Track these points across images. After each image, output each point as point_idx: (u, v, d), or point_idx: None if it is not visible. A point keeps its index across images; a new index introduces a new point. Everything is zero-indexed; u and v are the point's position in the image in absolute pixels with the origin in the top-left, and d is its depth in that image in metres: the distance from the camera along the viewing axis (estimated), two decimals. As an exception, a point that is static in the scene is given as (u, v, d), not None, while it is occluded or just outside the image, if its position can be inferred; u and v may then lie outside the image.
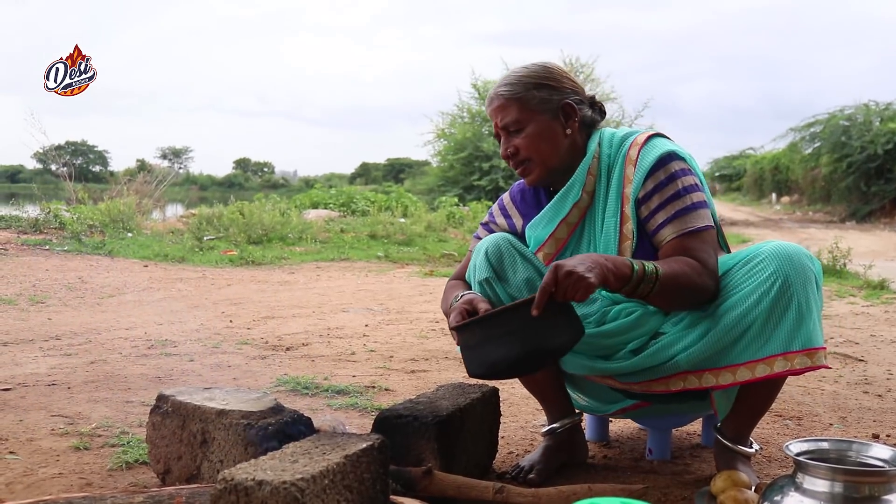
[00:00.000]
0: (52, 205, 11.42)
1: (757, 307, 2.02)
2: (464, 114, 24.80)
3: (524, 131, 2.28)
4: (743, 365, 2.05)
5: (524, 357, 1.95)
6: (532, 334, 1.94)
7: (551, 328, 1.96)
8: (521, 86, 2.29)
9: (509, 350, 1.95)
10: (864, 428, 3.01)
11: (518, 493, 2.03)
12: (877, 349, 4.66)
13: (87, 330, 4.64)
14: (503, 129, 2.31)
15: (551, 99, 2.28)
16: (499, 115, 2.31)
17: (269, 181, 65.99)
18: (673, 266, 2.05)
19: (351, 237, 11.93)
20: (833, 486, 1.65)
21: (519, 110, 2.27)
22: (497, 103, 2.31)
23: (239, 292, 6.66)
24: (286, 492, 1.58)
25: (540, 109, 2.27)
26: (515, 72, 2.33)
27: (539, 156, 2.28)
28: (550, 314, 1.94)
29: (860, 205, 24.66)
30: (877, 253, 11.56)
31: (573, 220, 2.31)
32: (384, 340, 4.61)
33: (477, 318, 2.01)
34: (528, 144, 2.28)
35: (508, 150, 2.31)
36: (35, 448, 2.52)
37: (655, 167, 2.20)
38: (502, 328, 1.96)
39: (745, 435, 2.28)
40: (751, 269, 2.06)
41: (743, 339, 2.05)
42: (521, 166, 2.32)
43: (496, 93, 2.32)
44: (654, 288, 2.01)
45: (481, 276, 2.28)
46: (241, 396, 2.21)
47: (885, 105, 25.27)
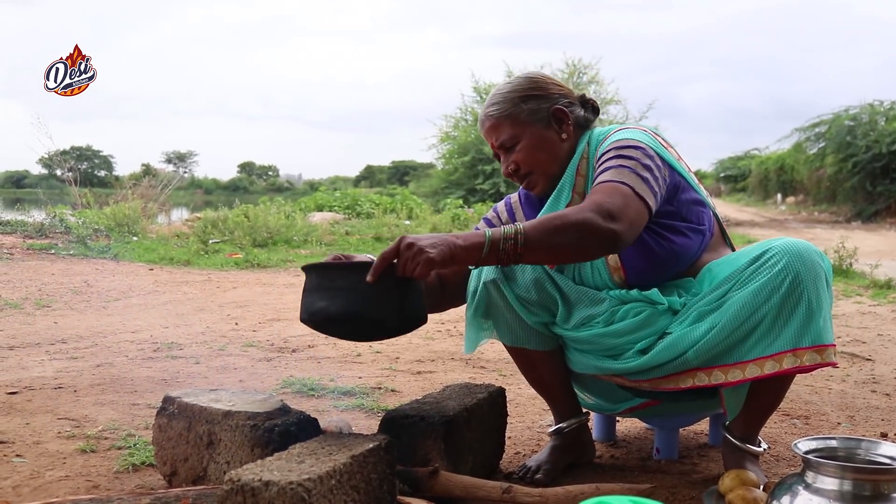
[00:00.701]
0: (58, 209, 11.45)
1: (767, 303, 2.01)
2: (467, 116, 24.84)
3: (520, 145, 2.28)
4: (752, 361, 2.04)
5: (341, 316, 1.96)
6: (357, 298, 1.95)
7: (378, 299, 1.95)
8: (508, 102, 2.29)
9: (329, 304, 1.97)
10: (872, 427, 3.00)
11: (525, 493, 2.02)
12: (884, 348, 4.64)
13: (93, 333, 4.65)
14: (500, 147, 2.32)
15: (540, 108, 2.29)
16: (493, 135, 2.32)
17: (274, 185, 66.11)
18: (545, 216, 2.01)
19: (356, 239, 11.94)
20: (842, 484, 1.65)
21: (511, 126, 2.28)
22: (489, 124, 2.32)
23: (244, 295, 6.66)
24: (293, 492, 1.58)
25: (531, 121, 2.28)
26: (500, 90, 2.34)
27: (539, 166, 2.29)
28: (385, 287, 1.94)
29: (866, 205, 24.59)
30: (883, 253, 11.52)
31: None
32: (389, 342, 4.60)
33: (317, 265, 2.04)
34: (527, 158, 2.29)
35: (509, 167, 2.32)
36: (42, 451, 2.52)
37: (607, 147, 2.19)
38: (333, 282, 1.98)
39: (753, 434, 2.27)
40: (761, 265, 2.04)
41: (753, 335, 2.04)
42: (525, 180, 2.33)
43: (485, 115, 2.33)
44: (518, 242, 1.92)
45: (489, 277, 2.28)
46: (247, 398, 2.21)
47: (890, 104, 25.22)
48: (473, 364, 4.02)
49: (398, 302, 1.98)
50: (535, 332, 2.33)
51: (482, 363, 4.05)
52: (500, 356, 4.18)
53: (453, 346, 4.49)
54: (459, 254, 1.91)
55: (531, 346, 2.35)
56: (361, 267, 1.96)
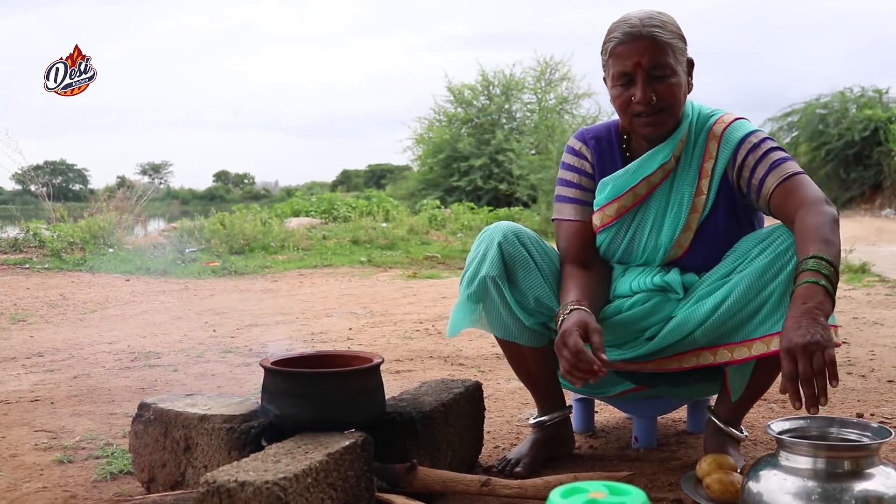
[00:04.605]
0: (32, 224, 11.35)
1: (774, 281, 2.02)
2: (441, 117, 24.85)
3: (669, 79, 2.15)
4: (759, 339, 2.05)
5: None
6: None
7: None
8: (670, 32, 2.16)
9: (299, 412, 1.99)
10: (848, 408, 3.02)
11: (504, 486, 2.03)
12: (859, 331, 4.69)
13: (69, 345, 4.61)
14: (650, 69, 2.14)
15: (685, 51, 2.22)
16: (647, 54, 2.13)
17: (251, 192, 65.78)
18: (810, 226, 1.95)
19: (333, 243, 11.90)
20: (815, 463, 1.66)
21: (671, 55, 2.15)
22: (648, 42, 2.12)
23: (222, 302, 6.63)
24: (269, 492, 1.58)
25: (681, 61, 2.19)
26: (656, 15, 2.18)
27: (675, 107, 2.19)
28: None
29: (840, 192, 24.76)
30: (858, 238, 11.62)
31: (655, 179, 2.27)
32: (368, 343, 4.60)
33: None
34: (673, 94, 2.16)
35: (649, 94, 2.14)
36: (18, 463, 2.50)
37: (745, 138, 2.19)
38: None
39: (738, 418, 2.29)
40: (767, 244, 2.06)
41: (759, 313, 2.05)
42: (654, 115, 2.18)
43: (646, 30, 2.13)
44: (836, 268, 1.86)
45: (490, 272, 2.23)
46: (223, 401, 2.20)
47: (861, 92, 25.42)
48: (452, 361, 4.02)
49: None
50: (529, 329, 2.29)
51: (461, 360, 4.05)
52: (478, 352, 4.19)
53: (432, 344, 4.49)
54: (828, 311, 1.79)
55: (523, 342, 2.32)
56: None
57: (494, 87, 25.46)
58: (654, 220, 2.27)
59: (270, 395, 2.01)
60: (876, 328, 4.79)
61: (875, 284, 6.85)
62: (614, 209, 2.29)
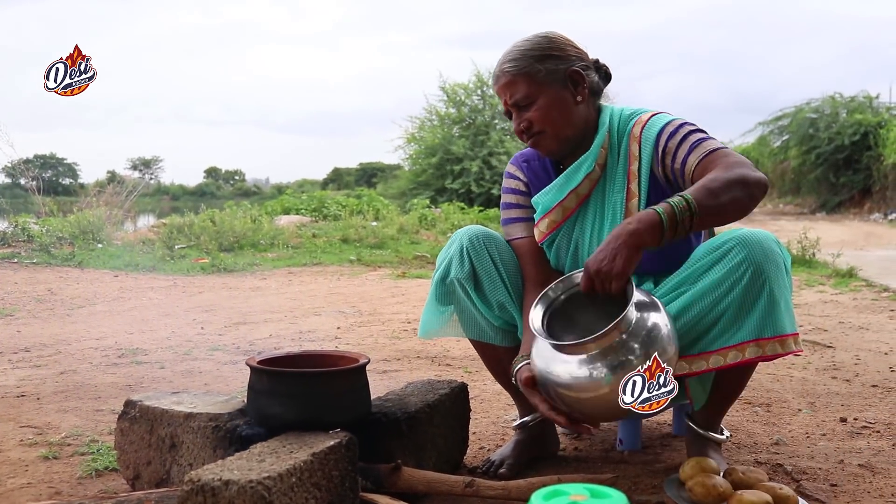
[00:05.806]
0: (20, 218, 11.32)
1: (729, 295, 2.02)
2: (432, 117, 24.81)
3: (535, 105, 2.23)
4: (716, 352, 2.06)
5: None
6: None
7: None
8: (525, 60, 2.24)
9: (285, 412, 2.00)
10: (832, 411, 3.04)
11: (488, 487, 2.04)
12: (845, 335, 4.71)
13: (56, 341, 4.61)
14: (513, 105, 2.26)
15: (558, 69, 2.24)
16: (507, 91, 2.26)
17: (241, 189, 65.68)
18: (702, 182, 1.99)
19: (323, 242, 11.89)
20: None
21: (527, 85, 2.23)
22: (504, 80, 2.26)
23: (210, 299, 6.62)
24: (253, 491, 1.59)
25: (548, 81, 2.23)
26: (518, 46, 2.28)
27: (552, 127, 2.25)
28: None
29: (829, 196, 24.91)
30: (846, 242, 11.66)
31: (583, 191, 2.29)
32: (356, 342, 4.61)
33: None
34: (541, 117, 2.24)
35: (521, 124, 2.26)
36: (3, 459, 2.50)
37: (663, 128, 2.20)
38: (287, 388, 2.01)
39: (716, 422, 2.29)
40: (720, 256, 2.05)
41: (716, 327, 2.05)
42: (535, 139, 2.28)
43: (502, 70, 2.27)
44: (693, 210, 1.92)
45: (457, 274, 2.29)
46: (209, 399, 2.21)
47: (851, 97, 25.55)
48: (439, 362, 4.03)
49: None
50: (500, 329, 2.35)
51: (448, 360, 4.06)
52: (465, 353, 4.20)
53: (419, 344, 4.49)
54: (644, 240, 1.90)
55: (497, 342, 2.36)
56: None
57: (488, 87, 25.44)
58: (591, 230, 2.31)
59: (256, 394, 2.01)
60: (861, 332, 4.81)
61: (862, 289, 6.87)
62: (546, 224, 2.34)
